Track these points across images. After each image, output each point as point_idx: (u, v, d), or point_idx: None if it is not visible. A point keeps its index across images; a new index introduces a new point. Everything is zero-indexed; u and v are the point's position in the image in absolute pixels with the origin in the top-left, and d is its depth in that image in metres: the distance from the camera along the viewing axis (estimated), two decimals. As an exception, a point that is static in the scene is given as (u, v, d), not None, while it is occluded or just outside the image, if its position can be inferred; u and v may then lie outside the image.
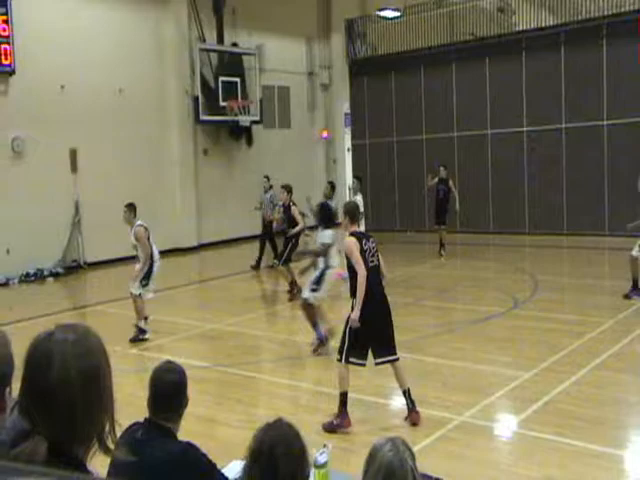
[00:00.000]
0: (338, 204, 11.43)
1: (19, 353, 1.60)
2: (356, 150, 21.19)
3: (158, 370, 3.15)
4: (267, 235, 13.94)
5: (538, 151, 17.25)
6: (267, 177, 14.41)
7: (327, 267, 7.98)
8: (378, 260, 5.94)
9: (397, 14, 19.66)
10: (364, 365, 5.84)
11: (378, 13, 19.99)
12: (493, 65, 17.92)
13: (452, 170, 18.54)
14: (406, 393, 5.89)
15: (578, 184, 16.53)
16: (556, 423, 5.65)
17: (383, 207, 20.04)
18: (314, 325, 7.99)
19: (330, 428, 5.62)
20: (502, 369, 7.13)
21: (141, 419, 3.07)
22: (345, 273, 8.81)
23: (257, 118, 18.86)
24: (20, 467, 1.15)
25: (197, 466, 2.92)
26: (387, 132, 19.98)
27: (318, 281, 7.97)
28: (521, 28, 17.81)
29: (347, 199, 12.77)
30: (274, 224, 13.04)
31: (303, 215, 11.45)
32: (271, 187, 14.14)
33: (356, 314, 5.69)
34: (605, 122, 16.25)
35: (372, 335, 5.79)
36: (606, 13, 16.24)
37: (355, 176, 14.01)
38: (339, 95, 22.17)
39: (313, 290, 7.96)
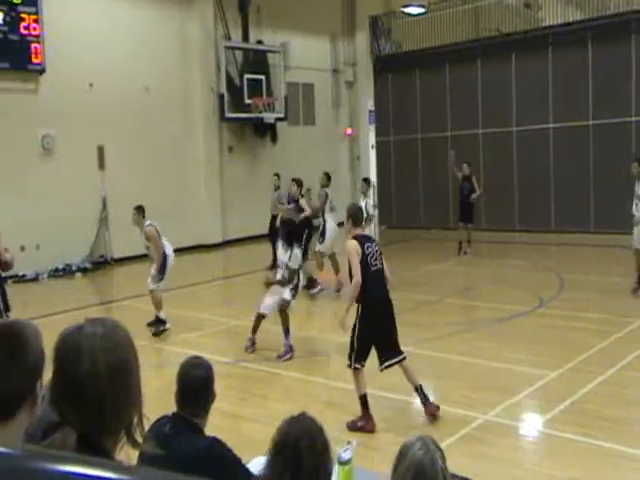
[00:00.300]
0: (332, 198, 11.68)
1: (49, 346, 1.63)
2: (380, 147, 21.13)
3: (185, 365, 3.18)
4: (273, 233, 13.96)
5: (564, 148, 17.06)
6: (277, 175, 14.35)
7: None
8: (382, 263, 5.88)
9: (422, 10, 19.56)
10: (363, 367, 5.82)
11: (402, 9, 19.90)
12: (519, 61, 17.75)
13: (477, 167, 18.38)
14: (418, 389, 5.86)
15: (606, 181, 16.31)
16: (582, 423, 5.59)
17: (407, 204, 19.98)
18: (287, 331, 7.89)
19: (354, 428, 5.62)
20: (527, 368, 7.07)
21: (168, 413, 3.11)
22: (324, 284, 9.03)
23: (282, 115, 18.90)
24: (53, 453, 1.18)
25: (223, 461, 2.95)
26: (411, 129, 19.89)
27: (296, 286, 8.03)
28: (547, 23, 17.61)
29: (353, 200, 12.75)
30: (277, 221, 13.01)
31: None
32: (279, 187, 14.15)
33: (342, 315, 5.80)
34: (633, 118, 16.01)
35: (376, 338, 5.80)
36: (635, 8, 15.98)
37: (364, 179, 13.89)
38: (363, 92, 22.12)
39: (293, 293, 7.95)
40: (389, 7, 21.54)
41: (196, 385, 3.09)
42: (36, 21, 13.95)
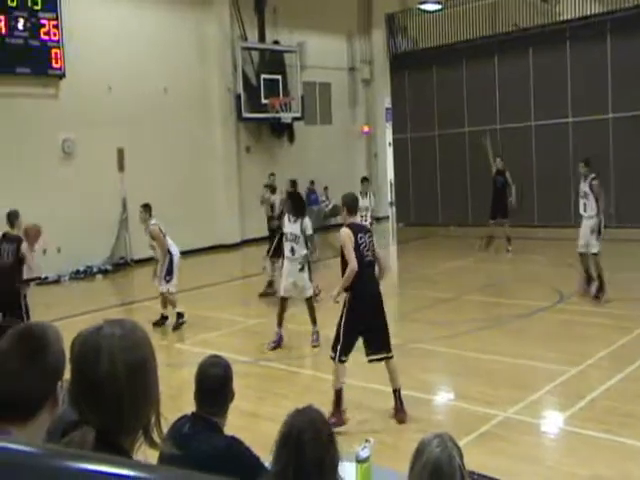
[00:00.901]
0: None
1: (69, 348, 1.67)
2: (397, 145, 21.08)
3: (204, 365, 3.21)
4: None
5: (584, 142, 16.89)
6: (273, 174, 14.24)
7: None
8: (374, 255, 5.81)
9: (438, 7, 19.46)
10: (347, 360, 5.79)
11: (419, 6, 19.81)
12: (536, 56, 17.60)
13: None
14: (396, 392, 5.85)
15: (626, 175, 16.12)
16: (604, 420, 5.55)
17: (425, 202, 19.91)
18: (314, 322, 8.19)
19: None
20: (547, 365, 7.03)
21: (187, 413, 3.14)
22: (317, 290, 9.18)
23: (298, 115, 18.93)
24: (75, 451, 1.21)
25: (241, 460, 2.97)
26: (429, 126, 19.81)
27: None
28: (565, 17, 17.44)
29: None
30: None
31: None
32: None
33: (335, 292, 5.82)
34: (655, 112, 15.82)
35: (363, 331, 5.75)
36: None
37: (363, 177, 13.87)
38: (380, 90, 22.09)
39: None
40: (405, 4, 21.47)
41: (215, 384, 3.12)
42: (56, 27, 14.12)
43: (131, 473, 0.91)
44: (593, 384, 6.35)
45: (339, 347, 5.72)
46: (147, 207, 9.62)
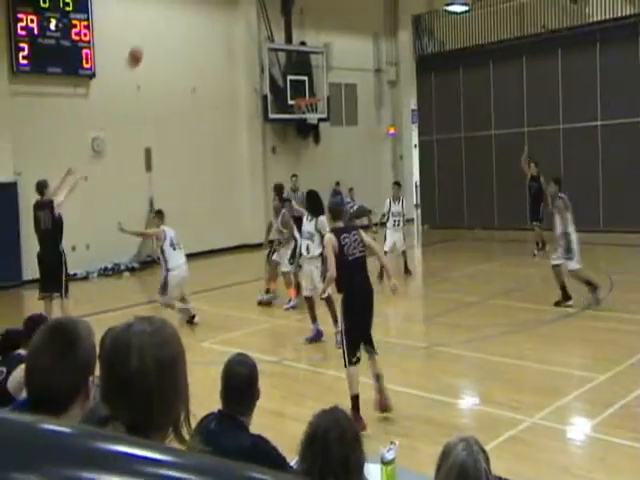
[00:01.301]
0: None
1: (99, 344, 1.68)
2: (423, 147, 20.98)
3: (230, 363, 3.22)
4: None
5: (613, 146, 16.65)
6: (295, 175, 14.10)
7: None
8: (362, 251, 5.91)
9: (465, 8, 19.35)
10: (358, 361, 5.78)
11: (445, 8, 19.72)
12: (565, 58, 17.39)
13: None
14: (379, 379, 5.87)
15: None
16: (633, 428, 5.45)
17: (450, 204, 19.78)
18: (335, 321, 8.00)
19: None
20: (575, 371, 6.94)
21: (214, 410, 3.16)
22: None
23: (324, 116, 18.94)
24: (110, 433, 1.21)
25: (267, 458, 2.98)
26: (455, 128, 19.69)
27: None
28: (595, 19, 17.20)
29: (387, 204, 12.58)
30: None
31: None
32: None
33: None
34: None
35: (359, 326, 5.84)
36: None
37: (395, 182, 13.73)
38: (406, 92, 22.02)
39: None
40: (432, 6, 21.37)
41: (241, 383, 3.13)
42: (87, 27, 14.32)
43: (167, 458, 0.92)
44: (623, 391, 6.24)
45: (346, 352, 5.75)
46: (160, 214, 9.65)
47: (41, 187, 9.02)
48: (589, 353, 7.54)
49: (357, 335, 5.80)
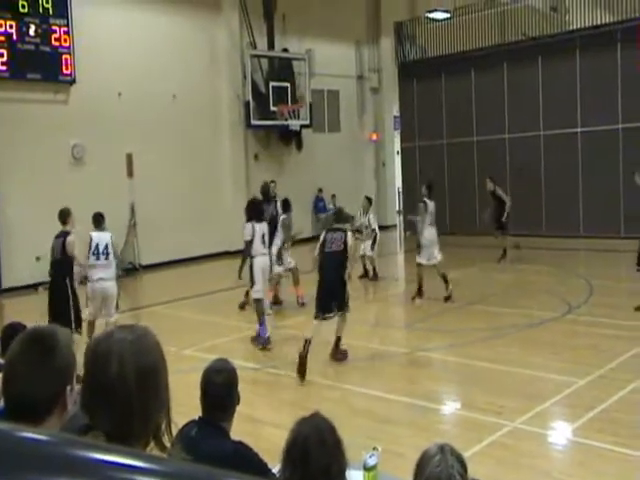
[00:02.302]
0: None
1: (80, 352, 1.67)
2: (405, 153, 21.08)
3: (209, 369, 3.21)
4: None
5: (593, 152, 16.85)
6: (272, 182, 14.10)
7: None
8: (338, 247, 7.72)
9: (447, 15, 19.50)
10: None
11: (427, 15, 19.87)
12: (546, 66, 17.59)
13: (504, 172, 18.27)
14: (338, 340, 7.84)
15: (637, 186, 16.03)
16: (613, 432, 5.50)
17: (433, 210, 19.85)
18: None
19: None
20: (556, 375, 6.98)
21: (195, 418, 3.14)
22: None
23: (307, 122, 18.98)
24: (89, 441, 1.20)
25: (249, 465, 2.97)
26: (437, 134, 19.82)
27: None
28: (575, 27, 17.42)
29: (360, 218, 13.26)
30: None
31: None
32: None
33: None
34: (665, 121, 15.77)
35: (326, 297, 7.70)
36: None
37: (366, 197, 14.02)
38: (388, 98, 22.13)
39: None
40: (414, 13, 21.53)
41: (221, 389, 3.12)
42: (67, 33, 14.22)
43: (145, 465, 0.91)
44: (603, 395, 6.30)
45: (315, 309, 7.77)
46: (95, 218, 9.22)
47: (63, 216, 8.78)
48: (569, 357, 7.61)
49: (321, 306, 7.70)
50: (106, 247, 8.95)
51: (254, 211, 9.06)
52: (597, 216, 16.82)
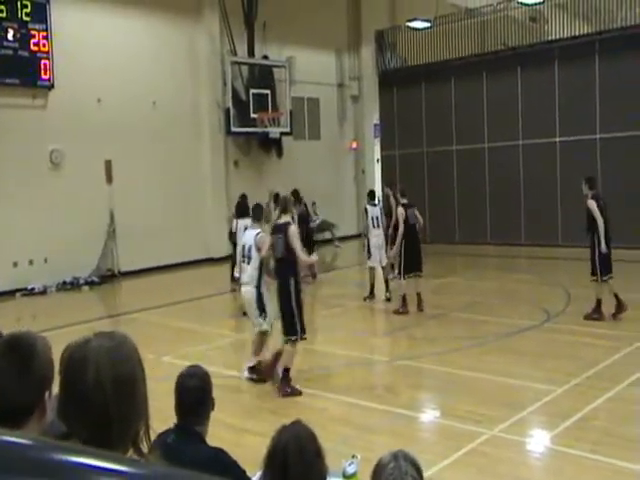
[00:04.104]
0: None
1: (57, 359, 1.64)
2: (385, 161, 21.17)
3: (182, 376, 3.20)
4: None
5: (572, 162, 17.04)
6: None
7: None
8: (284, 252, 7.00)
9: (427, 25, 19.66)
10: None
11: (408, 24, 20.01)
12: (525, 75, 17.79)
13: (483, 182, 18.44)
14: (286, 372, 6.98)
15: (615, 196, 16.23)
16: (591, 440, 5.54)
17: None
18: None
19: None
20: (534, 384, 7.03)
21: (171, 425, 3.12)
22: None
23: (287, 130, 18.99)
24: (69, 445, 1.18)
25: (228, 471, 2.95)
26: (417, 143, 19.93)
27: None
28: (554, 37, 17.65)
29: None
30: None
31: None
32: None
33: None
34: (642, 132, 16.00)
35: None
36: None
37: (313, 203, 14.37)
38: (369, 106, 22.22)
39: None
40: (394, 21, 21.67)
41: (193, 395, 3.11)
42: (45, 38, 14.11)
43: (125, 469, 0.91)
44: (580, 404, 6.34)
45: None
46: None
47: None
48: (548, 366, 7.66)
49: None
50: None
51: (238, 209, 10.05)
52: (575, 225, 16.96)
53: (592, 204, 9.49)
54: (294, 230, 7.01)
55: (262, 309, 7.46)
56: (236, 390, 7.16)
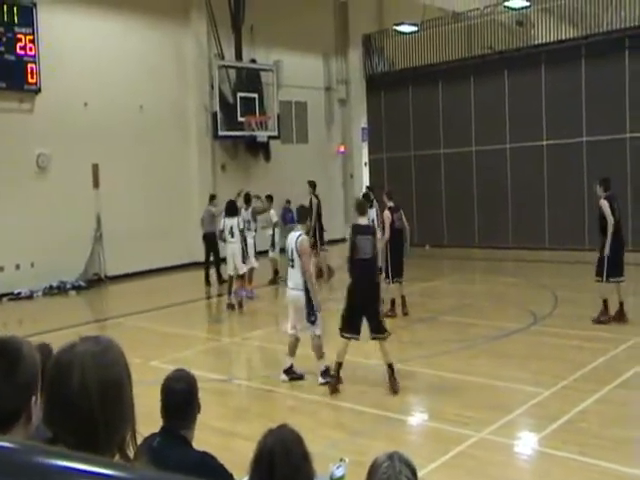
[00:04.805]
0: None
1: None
2: (373, 165, 21.22)
3: (168, 380, 3.19)
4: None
5: (558, 165, 17.16)
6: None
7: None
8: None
9: (414, 29, 19.75)
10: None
11: (395, 28, 20.09)
12: (512, 79, 17.90)
13: (470, 185, 18.52)
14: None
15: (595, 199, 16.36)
16: (578, 442, 5.56)
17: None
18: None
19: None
20: (522, 386, 7.05)
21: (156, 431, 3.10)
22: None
23: (275, 133, 18.97)
24: (55, 449, 1.17)
25: (214, 475, 2.94)
26: (405, 146, 19.99)
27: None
28: (540, 41, 17.78)
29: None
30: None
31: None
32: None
33: None
34: (628, 135, 16.12)
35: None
36: (629, 25, 16.13)
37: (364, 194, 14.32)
38: (356, 110, 22.25)
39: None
40: (382, 25, 21.74)
41: (179, 399, 3.10)
42: (32, 41, 14.02)
43: (112, 472, 0.90)
44: (568, 406, 6.37)
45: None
46: None
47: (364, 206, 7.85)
48: (535, 368, 7.69)
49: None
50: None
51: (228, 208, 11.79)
52: (562, 228, 17.10)
53: (604, 204, 9.45)
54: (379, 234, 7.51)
55: (313, 313, 7.21)
56: (222, 394, 7.13)
